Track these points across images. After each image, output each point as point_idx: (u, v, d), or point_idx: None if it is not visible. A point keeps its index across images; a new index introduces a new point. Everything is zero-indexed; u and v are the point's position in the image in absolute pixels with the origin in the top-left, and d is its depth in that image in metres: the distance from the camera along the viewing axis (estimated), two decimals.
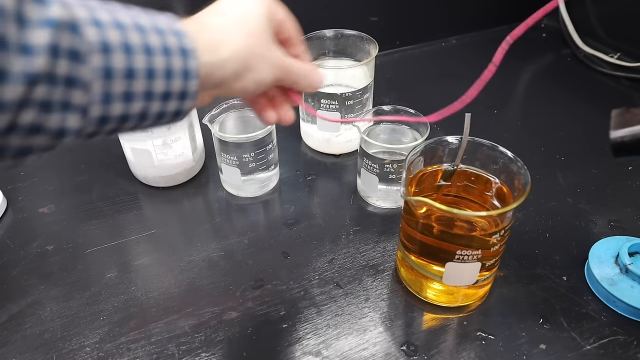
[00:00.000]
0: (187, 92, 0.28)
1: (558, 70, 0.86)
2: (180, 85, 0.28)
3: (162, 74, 0.27)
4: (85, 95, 0.24)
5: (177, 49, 0.27)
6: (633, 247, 0.48)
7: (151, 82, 0.26)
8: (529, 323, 0.45)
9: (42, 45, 0.21)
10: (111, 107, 0.25)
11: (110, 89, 0.25)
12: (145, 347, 0.44)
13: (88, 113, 0.24)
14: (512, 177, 0.43)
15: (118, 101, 0.25)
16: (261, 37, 0.33)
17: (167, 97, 0.28)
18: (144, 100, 0.27)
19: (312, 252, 0.52)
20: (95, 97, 0.24)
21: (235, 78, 0.32)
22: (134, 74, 0.25)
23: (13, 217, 0.58)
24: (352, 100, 0.61)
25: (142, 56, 0.25)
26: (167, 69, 0.27)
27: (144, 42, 0.26)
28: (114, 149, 0.62)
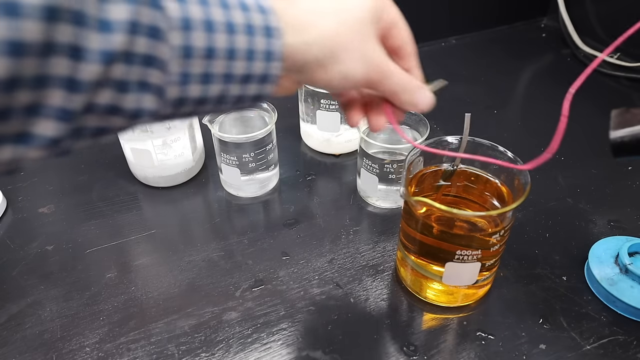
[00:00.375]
0: (268, 75, 0.27)
1: (558, 70, 0.86)
2: (262, 67, 0.26)
3: (243, 55, 0.25)
4: (162, 76, 0.23)
5: (262, 27, 0.25)
6: (633, 247, 0.48)
7: (231, 63, 0.25)
8: (528, 323, 0.45)
9: (121, 21, 0.20)
10: (188, 89, 0.24)
11: (189, 69, 0.23)
12: (145, 347, 0.44)
13: (164, 94, 0.23)
14: (512, 177, 0.43)
15: (196, 83, 0.24)
16: (357, 29, 0.29)
17: (248, 80, 0.26)
18: (222, 82, 0.25)
19: (312, 252, 0.52)
20: (173, 77, 0.23)
21: (318, 66, 0.29)
22: (214, 54, 0.24)
23: (13, 217, 0.58)
24: None
25: (224, 35, 0.24)
26: (249, 49, 0.25)
27: (227, 19, 0.24)
28: (114, 149, 0.62)
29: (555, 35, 0.95)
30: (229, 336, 0.44)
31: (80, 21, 0.19)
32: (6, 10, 0.17)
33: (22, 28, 0.17)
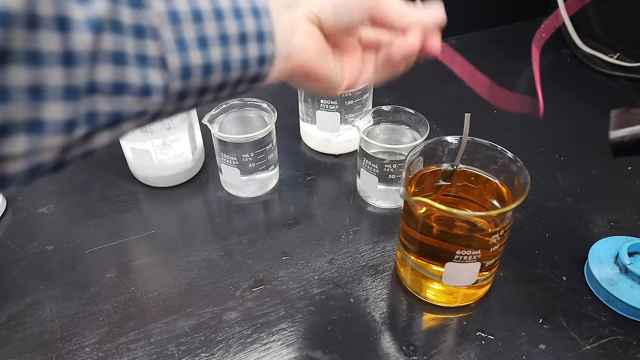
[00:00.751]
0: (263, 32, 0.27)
1: (558, 70, 0.86)
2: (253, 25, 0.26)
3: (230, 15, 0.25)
4: (158, 44, 0.22)
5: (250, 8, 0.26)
6: (632, 247, 0.48)
7: (220, 23, 0.25)
8: (528, 323, 0.45)
9: None
10: (189, 55, 0.24)
11: (183, 34, 0.23)
12: (145, 347, 0.44)
13: (167, 64, 0.23)
14: (512, 177, 0.43)
15: (194, 48, 0.24)
16: None
17: (244, 40, 0.26)
18: (220, 45, 0.25)
19: (312, 252, 0.52)
20: (169, 44, 0.23)
21: None
22: (201, 16, 0.24)
23: (13, 217, 0.58)
24: (351, 100, 0.61)
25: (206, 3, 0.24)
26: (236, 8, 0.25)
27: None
28: (114, 149, 0.62)
29: (555, 35, 0.95)
30: (228, 336, 0.44)
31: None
32: None
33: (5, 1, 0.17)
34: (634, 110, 0.34)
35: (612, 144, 0.34)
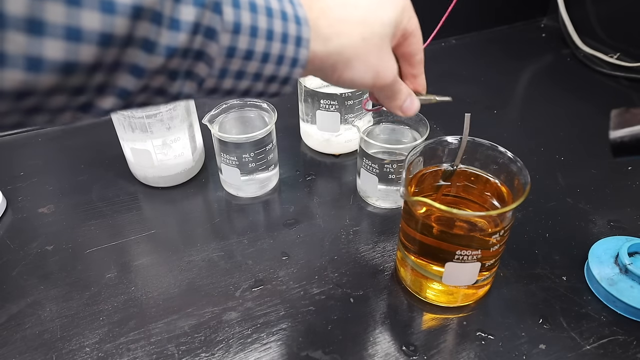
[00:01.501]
0: (290, 78, 0.30)
1: (558, 71, 0.86)
2: (286, 71, 0.29)
3: (274, 59, 0.28)
4: (206, 69, 0.25)
5: (294, 37, 0.28)
6: (632, 247, 0.48)
7: (263, 65, 0.28)
8: (528, 323, 0.45)
9: (188, 22, 0.23)
10: (223, 82, 0.27)
11: (228, 66, 0.26)
12: (145, 347, 0.44)
13: (204, 84, 0.26)
14: (512, 177, 0.43)
15: (230, 77, 0.27)
16: (376, 43, 0.32)
17: (272, 80, 0.29)
18: (251, 80, 0.28)
19: (312, 252, 0.52)
20: (214, 71, 0.26)
21: (333, 70, 0.31)
22: (252, 56, 0.27)
23: (13, 217, 0.58)
24: (352, 100, 0.61)
25: (264, 41, 0.27)
26: (280, 55, 0.28)
27: (269, 27, 0.27)
28: (114, 149, 0.62)
29: (555, 35, 0.95)
30: (228, 336, 0.44)
31: (158, 19, 0.22)
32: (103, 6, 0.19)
33: (114, 23, 0.20)
34: (634, 110, 0.34)
35: (612, 144, 0.34)
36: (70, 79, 0.20)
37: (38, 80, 0.19)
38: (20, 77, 0.19)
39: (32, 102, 0.20)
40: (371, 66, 0.32)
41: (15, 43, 0.18)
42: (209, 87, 0.27)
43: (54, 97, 0.21)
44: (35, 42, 0.18)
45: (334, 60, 0.31)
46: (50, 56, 0.19)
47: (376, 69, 0.33)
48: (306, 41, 0.29)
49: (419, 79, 0.39)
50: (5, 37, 0.18)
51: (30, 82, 0.19)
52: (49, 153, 0.68)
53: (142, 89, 0.24)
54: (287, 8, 0.28)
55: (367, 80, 0.33)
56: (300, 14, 0.28)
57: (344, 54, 0.31)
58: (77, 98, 0.22)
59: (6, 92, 0.19)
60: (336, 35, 0.30)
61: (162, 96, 0.25)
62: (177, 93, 0.26)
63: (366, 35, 0.31)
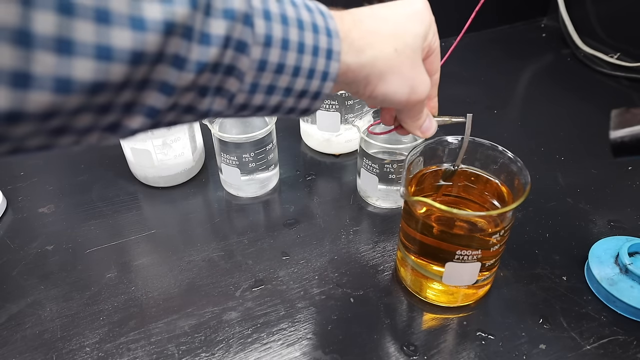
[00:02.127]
0: (320, 93, 0.29)
1: (558, 70, 0.86)
2: (318, 85, 0.28)
3: (305, 73, 0.27)
4: (237, 84, 0.25)
5: (325, 49, 0.27)
6: (633, 247, 0.48)
7: (295, 79, 0.27)
8: (528, 323, 0.45)
9: (219, 36, 0.22)
10: (254, 97, 0.26)
11: (259, 80, 0.26)
12: (145, 347, 0.44)
13: (234, 100, 0.26)
14: (512, 177, 0.43)
15: (261, 92, 0.26)
16: (409, 55, 0.31)
17: (303, 95, 0.28)
18: (282, 95, 0.27)
19: (312, 252, 0.52)
20: (245, 86, 0.25)
21: (366, 83, 0.31)
22: (283, 70, 0.26)
23: (13, 217, 0.58)
24: (352, 100, 0.61)
25: (295, 54, 0.26)
26: (311, 69, 0.27)
27: (300, 39, 0.26)
28: (114, 149, 0.62)
29: (555, 35, 0.95)
30: (229, 336, 0.44)
31: (189, 35, 0.21)
32: (133, 23, 0.19)
33: (145, 40, 0.19)
34: (634, 110, 0.34)
35: (612, 144, 0.34)
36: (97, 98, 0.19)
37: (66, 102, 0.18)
38: (47, 99, 0.18)
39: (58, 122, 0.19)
40: (406, 79, 0.32)
41: (43, 64, 0.17)
42: (239, 102, 0.26)
43: (80, 117, 0.20)
44: (65, 63, 0.17)
45: (367, 73, 0.30)
46: (80, 76, 0.18)
47: (411, 82, 0.32)
48: (337, 54, 0.28)
49: (434, 100, 0.38)
50: (33, 57, 0.17)
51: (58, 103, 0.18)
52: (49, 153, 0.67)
53: (171, 107, 0.23)
54: (318, 20, 0.27)
55: (401, 95, 0.32)
56: (331, 26, 0.28)
57: (377, 65, 0.30)
58: (104, 117, 0.21)
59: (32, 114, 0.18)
60: (369, 47, 0.30)
61: (191, 114, 0.24)
62: (207, 110, 0.25)
63: (399, 47, 0.31)
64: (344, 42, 0.28)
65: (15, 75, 0.17)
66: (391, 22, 0.31)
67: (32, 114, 0.18)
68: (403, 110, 0.35)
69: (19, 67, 0.17)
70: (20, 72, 0.17)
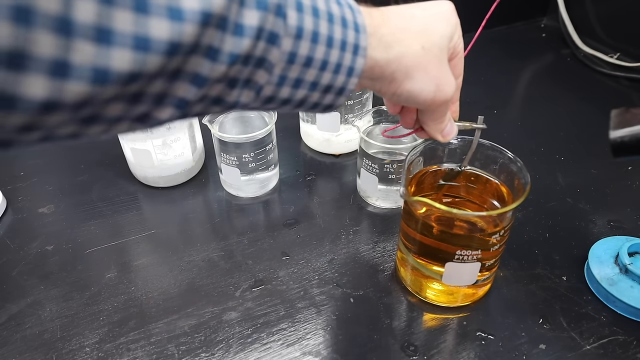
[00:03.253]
0: (345, 89, 0.29)
1: (558, 70, 0.86)
2: (343, 80, 0.28)
3: (332, 67, 0.27)
4: (266, 76, 0.24)
5: (352, 44, 0.27)
6: (633, 247, 0.48)
7: (321, 73, 0.27)
8: (528, 323, 0.45)
9: (252, 27, 0.22)
10: (281, 90, 0.26)
11: (287, 73, 0.26)
12: (145, 347, 0.44)
13: (261, 92, 0.25)
14: (512, 177, 0.43)
15: (288, 85, 0.26)
16: (436, 54, 0.31)
17: (328, 90, 0.28)
18: (308, 89, 0.27)
19: (312, 252, 0.52)
20: (273, 78, 0.25)
21: (392, 79, 0.31)
22: (311, 63, 0.26)
23: (13, 217, 0.58)
24: (351, 100, 0.61)
25: (323, 47, 0.26)
26: (338, 63, 0.27)
27: (329, 33, 0.26)
28: (114, 149, 0.62)
29: (555, 35, 0.95)
30: (228, 336, 0.44)
31: (224, 25, 0.20)
32: (171, 14, 0.18)
33: (182, 31, 0.19)
34: (634, 110, 0.34)
35: (612, 144, 0.34)
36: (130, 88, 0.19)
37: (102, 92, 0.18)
38: (84, 89, 0.17)
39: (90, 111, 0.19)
40: (432, 78, 0.31)
41: (82, 53, 0.17)
42: (266, 95, 0.26)
43: (112, 107, 0.20)
44: (103, 52, 0.17)
45: (394, 69, 0.30)
46: (117, 67, 0.18)
47: (437, 81, 0.32)
48: (363, 49, 0.28)
49: (455, 105, 0.38)
50: (72, 46, 0.16)
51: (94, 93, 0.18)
52: (49, 153, 0.67)
53: (200, 98, 0.23)
54: (347, 14, 0.27)
55: (427, 93, 0.32)
56: (359, 21, 0.28)
57: (404, 62, 0.30)
58: (135, 108, 0.21)
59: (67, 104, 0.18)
60: (397, 43, 0.29)
61: (219, 105, 0.24)
62: (235, 102, 0.25)
63: (426, 45, 0.30)
64: (372, 37, 0.28)
65: (55, 64, 0.16)
66: (419, 20, 0.31)
67: (67, 104, 0.18)
68: (427, 111, 0.35)
69: (58, 56, 0.16)
70: (60, 61, 0.16)
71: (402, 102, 0.33)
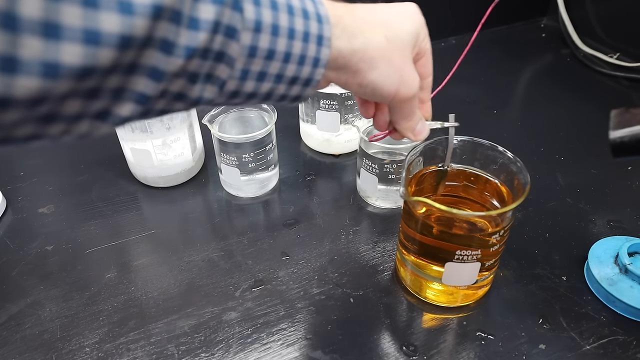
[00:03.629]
0: (312, 79, 0.29)
1: (557, 71, 0.86)
2: (309, 72, 0.28)
3: (296, 59, 0.27)
4: (228, 70, 0.25)
5: (316, 35, 0.27)
6: (632, 247, 0.48)
7: (285, 65, 0.27)
8: (528, 323, 0.45)
9: (208, 20, 0.22)
10: (245, 84, 0.26)
11: (250, 67, 0.26)
12: (144, 347, 0.44)
13: (224, 87, 0.26)
14: (512, 177, 0.43)
15: (252, 79, 0.26)
16: (400, 47, 0.31)
17: (294, 82, 0.29)
18: (273, 82, 0.28)
19: (312, 252, 0.52)
20: (235, 73, 0.25)
21: (356, 70, 0.30)
22: (274, 56, 0.26)
23: (13, 217, 0.58)
24: (352, 100, 0.61)
25: (285, 39, 0.26)
26: (302, 55, 0.27)
27: (290, 25, 0.26)
28: (114, 149, 0.62)
29: (555, 35, 0.95)
30: (228, 336, 0.44)
31: (177, 19, 0.21)
32: (121, 7, 0.18)
33: (133, 24, 0.19)
34: (634, 110, 0.34)
35: (612, 144, 0.34)
36: (85, 83, 0.19)
37: (53, 87, 0.18)
38: (35, 84, 0.18)
39: (46, 109, 0.19)
40: (396, 69, 0.31)
41: (30, 48, 0.17)
42: (230, 90, 0.26)
43: (69, 103, 0.20)
44: (52, 47, 0.17)
45: (358, 59, 0.30)
46: (68, 61, 0.18)
47: (401, 73, 0.32)
48: (327, 40, 0.28)
49: (427, 105, 0.38)
50: (19, 41, 0.17)
51: (46, 88, 0.18)
52: (49, 153, 0.67)
53: (161, 93, 0.23)
54: (308, 6, 0.27)
55: (391, 84, 0.32)
56: (322, 12, 0.28)
57: (368, 52, 0.30)
58: (93, 103, 0.21)
59: (19, 100, 0.18)
60: (360, 33, 0.30)
61: (181, 101, 0.24)
62: (198, 98, 0.25)
63: (389, 37, 0.31)
64: (336, 27, 0.29)
65: (2, 60, 0.17)
66: (383, 14, 0.32)
67: (20, 100, 0.18)
68: (395, 108, 0.35)
69: (5, 51, 0.17)
70: (7, 56, 0.17)
71: (368, 96, 0.33)
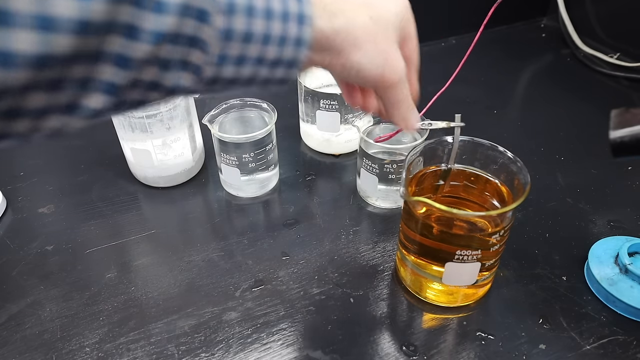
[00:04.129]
0: (296, 61, 0.28)
1: (557, 70, 0.86)
2: (291, 52, 0.27)
3: (276, 40, 0.26)
4: (202, 56, 0.24)
5: (295, 14, 0.26)
6: (632, 247, 0.48)
7: (265, 47, 0.26)
8: (528, 323, 0.45)
9: (175, 3, 0.21)
10: (223, 70, 0.25)
11: (227, 51, 0.25)
12: (144, 347, 0.44)
13: (201, 73, 0.25)
14: (512, 177, 0.43)
15: (230, 64, 0.25)
16: (384, 28, 0.30)
17: (277, 64, 0.27)
18: (254, 65, 0.26)
19: (312, 252, 0.52)
20: (211, 58, 0.24)
21: (340, 50, 0.30)
22: (251, 38, 0.25)
23: (13, 217, 0.58)
24: None
25: (262, 21, 0.25)
26: (282, 36, 0.26)
27: (266, 5, 0.25)
28: (114, 149, 0.62)
29: (555, 35, 0.95)
30: (228, 336, 0.44)
31: (139, 2, 0.20)
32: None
33: (90, 9, 0.18)
34: (634, 110, 0.34)
35: (612, 144, 0.34)
36: (45, 73, 0.19)
37: (8, 77, 0.18)
38: None
39: (7, 103, 0.19)
40: (381, 51, 0.30)
41: None
42: (208, 76, 0.25)
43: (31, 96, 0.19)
44: (3, 34, 0.17)
45: (342, 39, 0.29)
46: (22, 49, 0.17)
47: (386, 55, 0.31)
48: (309, 18, 0.27)
49: (414, 85, 0.37)
50: None
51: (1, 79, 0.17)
52: (49, 153, 0.67)
53: (132, 83, 0.22)
54: None
55: (376, 66, 0.31)
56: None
57: (352, 32, 0.29)
58: (58, 96, 0.20)
59: None
60: (341, 12, 0.29)
61: (156, 91, 0.23)
62: (174, 86, 0.24)
63: (374, 17, 0.30)
64: (316, 6, 0.28)
65: None
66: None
67: None
68: (382, 95, 0.34)
69: None
70: None
71: (353, 79, 0.32)
